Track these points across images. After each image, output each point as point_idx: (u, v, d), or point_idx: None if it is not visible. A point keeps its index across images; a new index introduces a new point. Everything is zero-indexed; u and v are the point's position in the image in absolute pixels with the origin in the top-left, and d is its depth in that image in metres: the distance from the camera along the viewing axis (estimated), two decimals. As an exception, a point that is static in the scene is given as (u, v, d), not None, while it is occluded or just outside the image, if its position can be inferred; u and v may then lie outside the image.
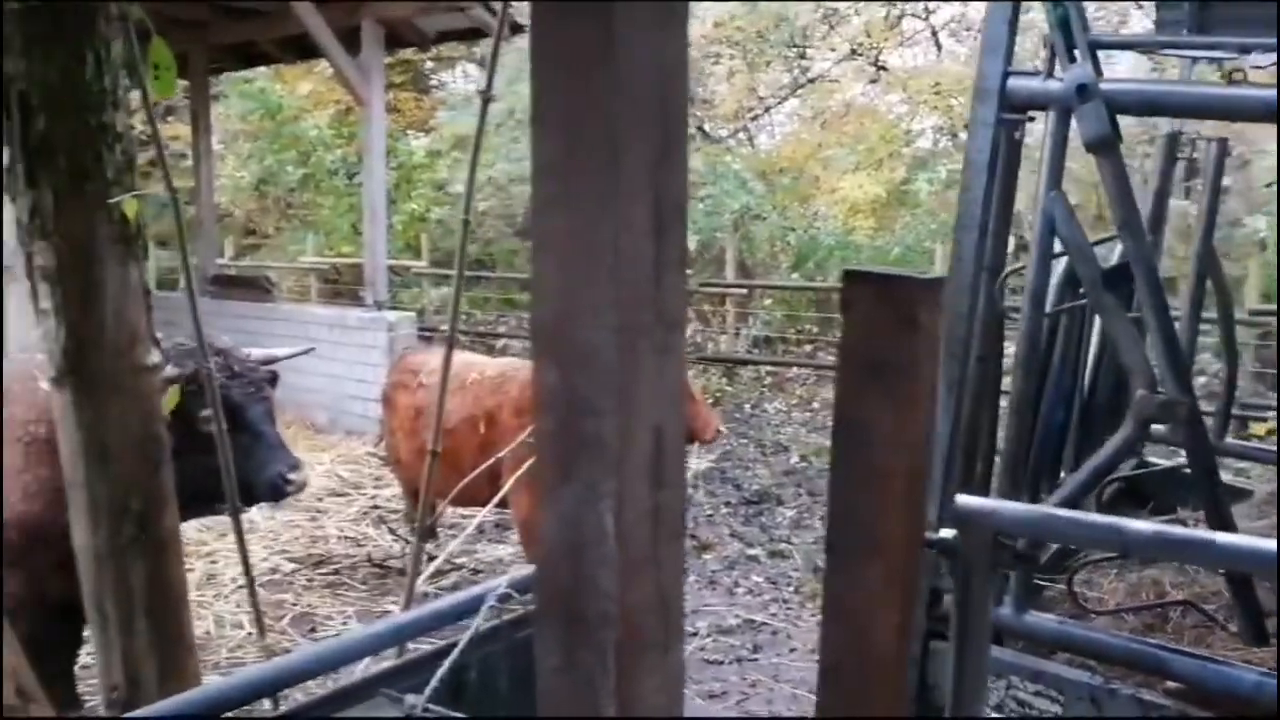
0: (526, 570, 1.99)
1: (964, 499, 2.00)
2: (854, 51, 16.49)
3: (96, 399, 2.05)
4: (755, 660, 5.07)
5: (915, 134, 16.06)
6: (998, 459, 2.77)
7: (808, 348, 13.13)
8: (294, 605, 5.61)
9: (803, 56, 16.99)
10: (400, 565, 6.19)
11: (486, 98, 2.24)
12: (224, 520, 6.05)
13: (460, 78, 19.16)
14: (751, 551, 6.63)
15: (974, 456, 2.67)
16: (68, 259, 1.99)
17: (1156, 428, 2.58)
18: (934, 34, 16.84)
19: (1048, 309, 2.72)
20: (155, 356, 2.14)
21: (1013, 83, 2.42)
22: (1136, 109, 2.48)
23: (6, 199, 2.04)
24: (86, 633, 4.12)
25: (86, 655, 4.30)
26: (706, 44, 16.01)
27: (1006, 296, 2.92)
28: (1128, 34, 10.56)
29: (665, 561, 1.21)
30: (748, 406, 10.98)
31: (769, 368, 12.31)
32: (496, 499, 4.38)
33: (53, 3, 1.87)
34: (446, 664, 1.59)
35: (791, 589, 6.01)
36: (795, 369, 12.26)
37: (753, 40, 16.01)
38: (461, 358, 6.08)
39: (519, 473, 4.19)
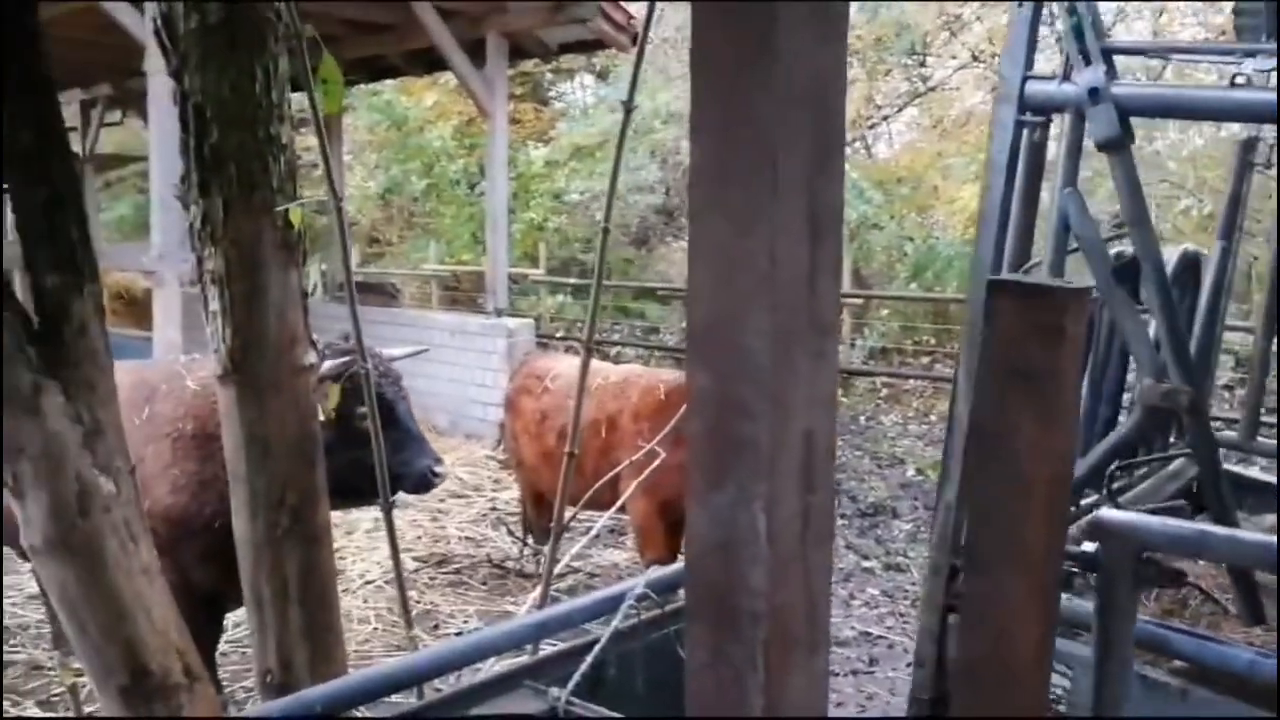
0: (664, 571, 2.03)
1: (1107, 513, 1.97)
2: (975, 58, 16.15)
3: (259, 396, 2.17)
4: (871, 674, 5.01)
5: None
6: None
7: (925, 359, 12.89)
8: (418, 603, 5.76)
9: (922, 64, 16.71)
10: (517, 566, 6.31)
11: (629, 108, 2.29)
12: (350, 517, 6.28)
13: (578, 88, 19.45)
14: (867, 564, 6.55)
15: None
16: (235, 264, 2.11)
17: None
18: (1059, 40, 16.34)
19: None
20: (312, 357, 2.26)
21: (1031, 86, 2.51)
22: (1146, 111, 2.61)
23: (180, 207, 2.17)
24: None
25: (223, 643, 4.53)
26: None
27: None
28: (1141, 41, 10.19)
29: (813, 563, 1.23)
30: (863, 418, 10.84)
31: (885, 379, 12.14)
32: (617, 505, 4.45)
33: (229, 18, 2.00)
34: (589, 659, 1.64)
35: (908, 603, 5.92)
36: (912, 381, 12.05)
37: (871, 48, 15.83)
38: (585, 364, 6.18)
39: (640, 479, 4.23)
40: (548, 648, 2.14)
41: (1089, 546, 2.31)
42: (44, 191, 1.89)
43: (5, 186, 1.83)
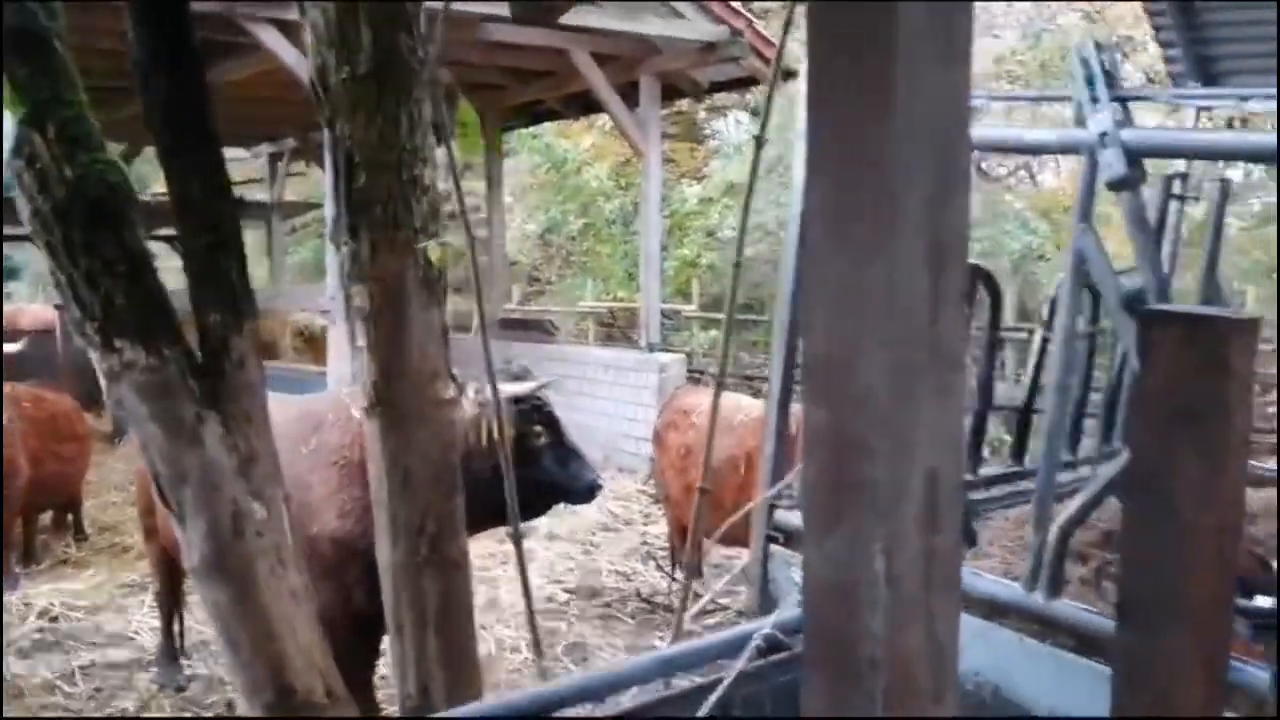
0: (792, 613, 1.98)
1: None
2: (1150, 80, 15.40)
3: (402, 428, 2.24)
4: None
5: (1223, 166, 14.73)
6: None
7: (1097, 396, 12.24)
8: (567, 634, 5.82)
9: (1092, 89, 16.04)
10: (667, 602, 6.29)
11: (760, 141, 2.28)
12: (505, 547, 6.40)
13: (732, 125, 19.54)
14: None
15: None
16: (380, 301, 2.20)
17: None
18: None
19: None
20: (452, 391, 2.32)
21: None
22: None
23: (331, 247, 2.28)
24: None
25: (384, 666, 4.66)
26: (987, 80, 15.49)
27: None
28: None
29: (938, 609, 1.16)
30: (1028, 459, 10.34)
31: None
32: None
33: (376, 69, 2.10)
34: (712, 699, 1.60)
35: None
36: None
37: (1035, 74, 15.32)
38: (729, 399, 6.15)
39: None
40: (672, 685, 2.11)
41: (1263, 601, 2.14)
42: (209, 237, 2.02)
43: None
